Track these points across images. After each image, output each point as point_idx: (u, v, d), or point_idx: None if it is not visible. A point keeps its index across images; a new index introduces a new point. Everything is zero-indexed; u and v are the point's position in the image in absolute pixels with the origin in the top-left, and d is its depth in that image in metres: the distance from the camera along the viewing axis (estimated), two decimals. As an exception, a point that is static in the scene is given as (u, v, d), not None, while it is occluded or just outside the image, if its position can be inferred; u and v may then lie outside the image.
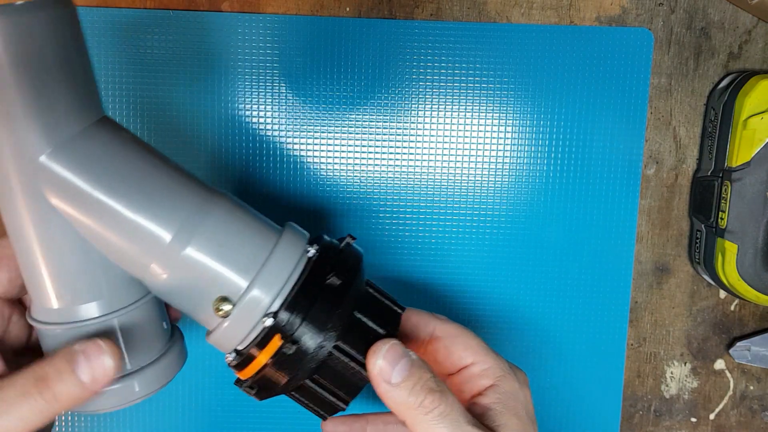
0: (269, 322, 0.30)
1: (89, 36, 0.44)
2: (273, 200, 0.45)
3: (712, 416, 0.49)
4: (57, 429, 0.47)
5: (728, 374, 0.48)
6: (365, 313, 0.31)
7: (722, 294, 0.48)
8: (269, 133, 0.45)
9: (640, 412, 0.49)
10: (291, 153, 0.45)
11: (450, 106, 0.45)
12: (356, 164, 0.45)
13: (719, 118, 0.44)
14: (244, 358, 0.31)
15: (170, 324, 0.35)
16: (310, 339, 0.30)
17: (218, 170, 0.45)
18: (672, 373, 0.48)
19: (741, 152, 0.42)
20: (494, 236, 0.46)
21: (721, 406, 0.49)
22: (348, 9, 0.44)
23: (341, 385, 0.31)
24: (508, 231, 0.46)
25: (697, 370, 0.48)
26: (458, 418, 0.29)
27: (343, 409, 0.32)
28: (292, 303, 0.30)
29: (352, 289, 0.31)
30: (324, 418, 0.33)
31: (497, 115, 0.45)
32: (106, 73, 0.44)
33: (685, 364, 0.48)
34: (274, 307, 0.30)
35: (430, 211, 0.46)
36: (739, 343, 0.47)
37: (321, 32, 0.44)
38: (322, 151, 0.45)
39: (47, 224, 0.29)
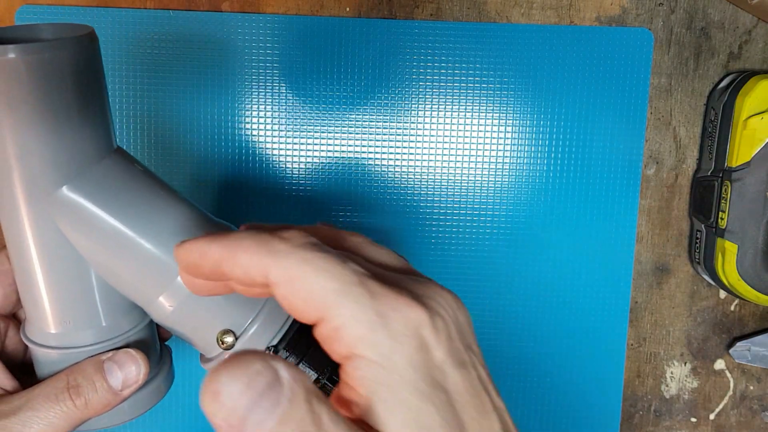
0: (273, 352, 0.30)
1: (89, 36, 0.44)
2: (273, 200, 0.45)
3: (712, 416, 0.49)
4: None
5: (728, 374, 0.48)
6: None
7: (722, 294, 0.48)
8: (269, 133, 0.45)
9: (640, 412, 0.49)
10: (291, 153, 0.45)
11: (450, 106, 0.45)
12: (356, 164, 0.45)
13: (719, 118, 0.44)
14: None
15: (160, 344, 0.35)
16: (311, 370, 0.30)
17: (218, 170, 0.45)
18: (672, 373, 0.48)
19: (741, 152, 0.42)
20: (494, 236, 0.46)
21: (721, 406, 0.49)
22: (348, 9, 0.44)
23: None
24: (508, 231, 0.46)
25: (697, 370, 0.48)
26: None
27: None
28: (292, 341, 0.30)
29: None
30: None
31: (497, 115, 0.45)
32: (107, 74, 0.44)
33: (685, 364, 0.48)
34: (274, 342, 0.30)
35: (430, 210, 0.46)
36: (739, 343, 0.47)
37: (321, 32, 0.44)
38: (323, 151, 0.45)
39: (55, 253, 0.29)
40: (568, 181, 0.46)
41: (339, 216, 0.46)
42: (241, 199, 0.45)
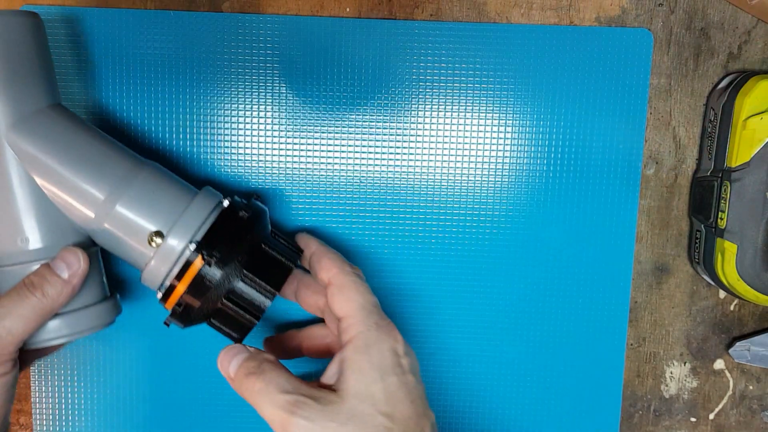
0: (188, 252, 0.36)
1: (90, 36, 0.44)
2: (273, 200, 0.45)
3: (711, 416, 0.49)
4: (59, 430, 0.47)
5: (728, 374, 0.48)
6: (270, 246, 0.38)
7: (722, 294, 0.48)
8: (269, 133, 0.45)
9: (640, 412, 0.49)
10: (291, 153, 0.45)
11: (450, 106, 0.45)
12: (356, 164, 0.45)
13: (719, 119, 0.44)
14: (168, 290, 0.37)
15: (108, 291, 0.41)
16: (222, 264, 0.36)
17: (217, 169, 0.45)
18: (671, 372, 0.48)
19: (740, 152, 0.42)
20: (494, 236, 0.46)
21: (720, 406, 0.49)
22: (348, 9, 0.44)
23: (250, 304, 0.37)
24: (508, 231, 0.46)
25: (697, 370, 0.48)
26: (272, 391, 0.34)
27: (254, 324, 0.38)
28: (208, 236, 0.36)
29: (258, 227, 0.38)
30: (238, 340, 0.38)
31: (497, 115, 0.45)
32: (107, 74, 0.44)
33: (684, 364, 0.48)
34: (195, 241, 0.36)
35: (429, 211, 0.46)
36: (738, 343, 0.47)
37: (321, 32, 0.44)
38: (322, 151, 0.45)
39: (10, 179, 0.36)
40: (567, 181, 0.46)
41: (338, 216, 0.46)
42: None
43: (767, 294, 0.43)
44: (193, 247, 0.36)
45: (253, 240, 0.37)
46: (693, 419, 0.49)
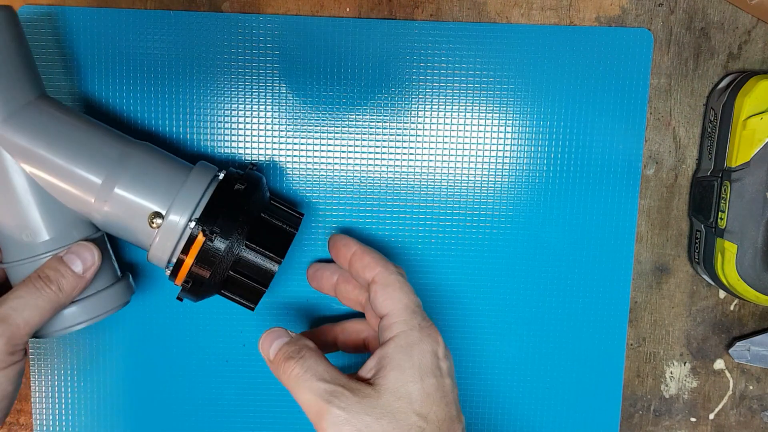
0: (192, 225, 0.37)
1: (90, 36, 0.44)
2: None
3: (711, 416, 0.49)
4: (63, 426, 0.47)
5: (728, 374, 0.48)
6: (271, 214, 0.39)
7: (722, 294, 0.48)
8: (269, 133, 0.45)
9: (640, 412, 0.49)
10: (291, 153, 0.45)
11: (450, 106, 0.45)
12: (356, 164, 0.45)
13: (719, 119, 0.44)
14: (176, 265, 0.38)
15: (120, 272, 0.42)
16: (226, 235, 0.37)
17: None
18: (671, 372, 0.48)
19: (740, 152, 0.42)
20: (494, 236, 0.46)
21: (720, 406, 0.49)
22: (348, 9, 0.44)
23: (257, 272, 0.39)
24: (508, 231, 0.46)
25: (697, 369, 0.48)
26: (310, 378, 0.35)
27: (263, 292, 0.39)
28: (207, 209, 0.37)
29: (256, 196, 0.39)
30: (251, 308, 0.40)
31: (497, 115, 0.45)
32: (107, 74, 0.44)
33: (684, 363, 0.48)
34: (196, 216, 0.37)
35: (429, 211, 0.46)
36: (738, 343, 0.47)
37: (321, 32, 0.44)
38: (322, 151, 0.45)
39: (7, 175, 0.36)
40: (567, 181, 0.46)
41: (338, 216, 0.46)
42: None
43: (767, 294, 0.43)
44: (193, 224, 0.37)
45: (251, 210, 0.38)
46: (693, 419, 0.49)
